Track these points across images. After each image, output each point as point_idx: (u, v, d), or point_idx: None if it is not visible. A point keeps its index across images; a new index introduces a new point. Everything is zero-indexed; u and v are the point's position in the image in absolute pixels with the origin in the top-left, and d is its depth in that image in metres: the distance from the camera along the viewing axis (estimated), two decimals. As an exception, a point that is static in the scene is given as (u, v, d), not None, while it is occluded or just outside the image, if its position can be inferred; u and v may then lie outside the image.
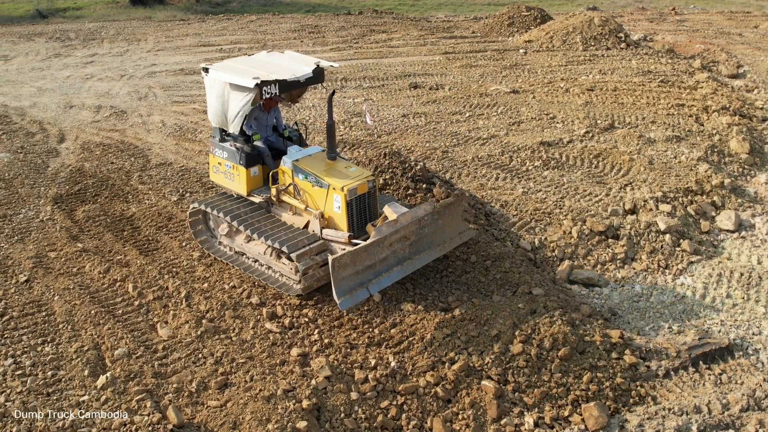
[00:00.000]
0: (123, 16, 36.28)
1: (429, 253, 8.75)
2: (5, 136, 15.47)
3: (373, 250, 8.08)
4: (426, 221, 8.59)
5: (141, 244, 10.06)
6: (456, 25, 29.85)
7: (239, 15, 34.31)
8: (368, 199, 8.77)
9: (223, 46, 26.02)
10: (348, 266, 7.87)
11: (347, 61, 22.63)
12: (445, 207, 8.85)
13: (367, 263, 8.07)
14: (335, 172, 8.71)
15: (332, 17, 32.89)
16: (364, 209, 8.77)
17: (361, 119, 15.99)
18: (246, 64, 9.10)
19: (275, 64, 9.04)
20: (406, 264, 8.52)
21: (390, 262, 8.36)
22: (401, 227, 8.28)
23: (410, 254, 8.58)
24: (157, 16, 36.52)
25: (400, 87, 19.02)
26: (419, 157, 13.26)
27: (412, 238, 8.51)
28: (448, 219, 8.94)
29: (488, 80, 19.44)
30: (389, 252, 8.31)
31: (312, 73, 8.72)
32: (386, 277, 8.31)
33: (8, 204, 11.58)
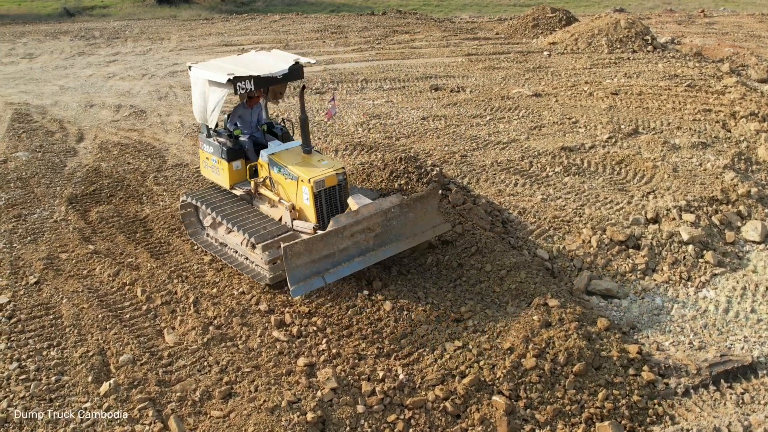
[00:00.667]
0: (148, 15, 36.48)
1: (396, 245, 8.74)
2: (25, 134, 15.52)
3: (329, 239, 8.16)
4: (394, 213, 8.62)
5: (152, 247, 9.98)
6: (480, 26, 29.56)
7: (263, 15, 34.33)
8: (339, 192, 8.90)
9: (246, 45, 25.97)
10: (302, 255, 7.95)
11: (369, 62, 22.47)
12: (416, 200, 8.88)
13: (324, 253, 8.15)
14: (306, 165, 8.88)
15: (355, 17, 32.76)
16: (334, 201, 8.91)
17: (380, 121, 15.81)
18: (229, 62, 9.34)
19: (256, 62, 9.24)
20: (369, 255, 8.53)
21: (351, 253, 8.40)
22: (362, 218, 8.34)
23: (375, 245, 8.58)
24: (182, 15, 36.67)
25: (421, 89, 18.80)
26: (437, 161, 13.04)
27: (378, 229, 8.54)
28: (420, 212, 8.93)
29: (510, 83, 19.15)
30: (350, 242, 8.36)
31: (288, 70, 8.84)
32: (346, 267, 8.35)
33: (24, 203, 11.57)
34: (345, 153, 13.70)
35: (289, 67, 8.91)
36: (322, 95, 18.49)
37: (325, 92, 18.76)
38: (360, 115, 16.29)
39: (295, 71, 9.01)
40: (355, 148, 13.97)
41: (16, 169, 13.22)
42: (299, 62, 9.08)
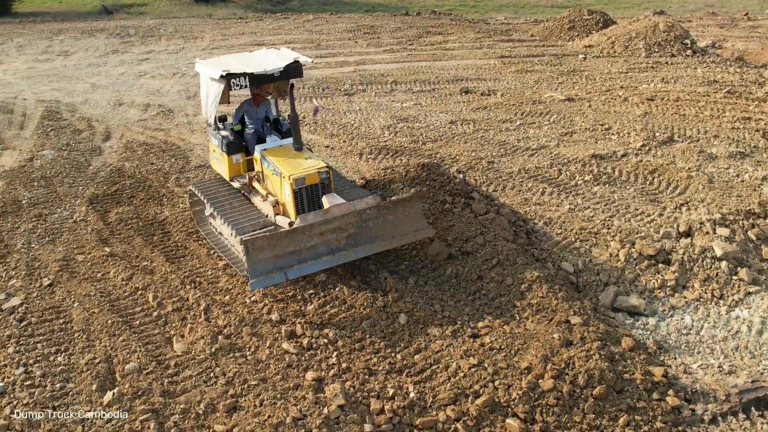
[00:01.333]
0: (184, 13, 36.72)
1: (370, 246, 8.70)
2: (53, 132, 15.61)
3: (295, 237, 8.22)
4: (369, 215, 8.63)
5: (169, 251, 9.86)
6: (515, 27, 29.10)
7: (297, 14, 34.31)
8: (321, 190, 8.95)
9: (277, 45, 25.90)
10: (264, 249, 8.03)
11: (399, 63, 22.22)
12: (396, 203, 8.88)
13: (288, 249, 8.19)
14: (292, 162, 8.97)
15: (389, 18, 32.54)
16: (316, 200, 8.93)
17: (407, 124, 15.54)
18: (234, 59, 9.61)
19: (258, 59, 9.48)
20: (339, 254, 8.52)
21: (319, 251, 8.41)
22: (332, 218, 8.37)
23: (346, 245, 8.58)
24: (218, 13, 36.84)
25: (451, 92, 18.49)
26: (463, 167, 12.73)
27: (351, 230, 8.56)
28: (401, 215, 8.88)
29: (543, 86, 18.72)
30: (319, 241, 8.38)
31: (284, 68, 8.98)
32: (311, 264, 8.35)
33: (45, 203, 11.57)
34: (369, 157, 13.46)
35: (286, 66, 9.02)
36: (351, 96, 18.28)
37: (353, 94, 18.56)
38: (387, 118, 16.04)
39: (293, 70, 9.13)
40: (380, 152, 13.72)
41: (41, 167, 13.26)
42: (298, 61, 9.18)
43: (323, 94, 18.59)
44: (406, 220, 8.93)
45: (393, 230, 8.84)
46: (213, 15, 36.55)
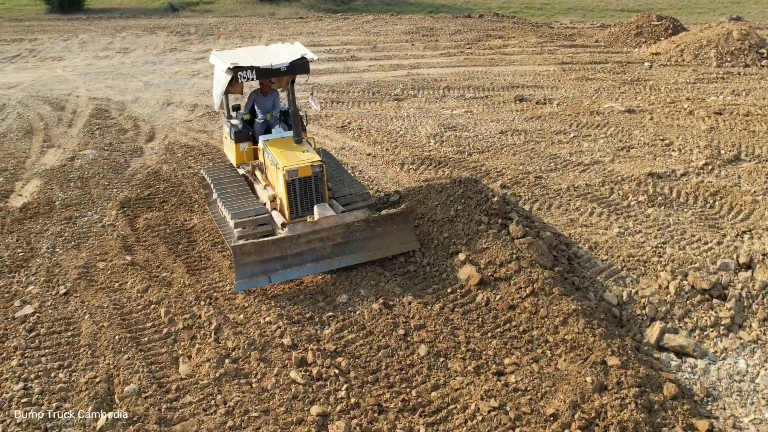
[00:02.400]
0: (247, 12, 36.90)
1: (354, 256, 8.97)
2: (99, 131, 15.61)
3: (282, 244, 8.58)
4: (357, 227, 8.93)
5: (191, 261, 9.53)
6: (579, 32, 28.02)
7: (357, 15, 33.98)
8: (314, 183, 9.22)
9: (333, 46, 25.61)
10: (252, 254, 8.44)
11: (455, 68, 21.56)
12: (386, 217, 9.14)
13: (274, 255, 8.56)
14: (288, 154, 9.30)
15: (450, 20, 31.87)
16: (308, 192, 9.25)
17: (455, 133, 14.92)
18: (246, 51, 9.99)
19: (269, 54, 9.75)
20: (323, 262, 8.82)
21: (305, 258, 8.73)
22: (319, 229, 8.70)
23: (331, 254, 8.88)
24: (280, 12, 36.88)
25: (505, 99, 17.75)
26: (508, 181, 12.04)
27: (338, 240, 8.86)
28: (390, 228, 9.17)
29: (603, 96, 17.78)
30: (306, 248, 8.71)
31: (289, 63, 9.28)
32: (296, 270, 8.69)
33: (77, 205, 11.45)
34: (411, 167, 12.90)
35: (293, 61, 9.32)
36: (400, 101, 17.75)
37: (403, 99, 18.02)
38: (435, 126, 15.45)
39: (299, 65, 9.41)
40: (423, 162, 13.15)
41: (80, 167, 13.20)
42: (305, 57, 9.47)
43: (372, 99, 18.12)
44: (395, 233, 9.22)
45: (379, 242, 9.12)
46: (275, 14, 36.61)
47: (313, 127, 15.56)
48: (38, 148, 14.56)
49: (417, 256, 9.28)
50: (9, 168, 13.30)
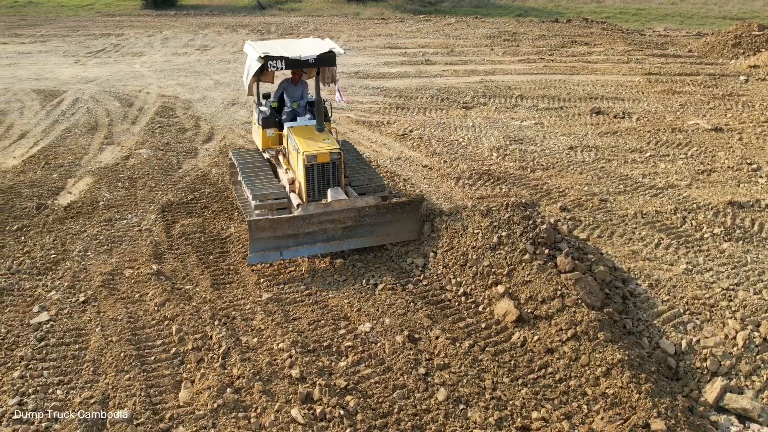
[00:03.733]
0: (333, 12, 36.78)
1: (363, 240, 9.44)
2: (159, 130, 15.56)
3: (295, 223, 9.05)
4: (368, 212, 9.34)
5: (218, 274, 9.13)
6: (672, 40, 26.31)
7: (439, 17, 33.22)
8: (331, 169, 9.62)
9: (409, 49, 24.99)
10: (266, 230, 8.93)
11: (532, 75, 20.53)
12: (396, 204, 9.51)
13: (288, 232, 9.05)
14: (309, 141, 9.71)
15: (536, 24, 30.68)
16: (325, 177, 9.63)
17: (521, 147, 14.03)
18: (278, 43, 10.68)
19: (299, 46, 10.46)
20: (332, 243, 9.31)
21: (316, 237, 9.22)
22: (331, 211, 9.13)
23: (341, 236, 9.34)
24: (365, 12, 36.58)
25: (581, 111, 16.65)
26: (569, 203, 11.10)
27: (349, 223, 9.29)
28: (399, 216, 9.53)
29: (689, 111, 16.41)
30: (318, 228, 9.18)
31: (317, 56, 9.84)
32: (306, 248, 9.20)
33: (120, 206, 11.28)
34: (467, 182, 12.13)
35: (321, 54, 9.88)
36: (468, 110, 16.95)
37: (472, 107, 17.21)
38: (500, 138, 14.59)
39: (326, 58, 9.99)
40: (481, 177, 12.35)
41: (132, 167, 13.10)
42: (333, 51, 10.02)
43: (440, 106, 17.39)
44: (404, 221, 9.59)
45: (388, 228, 9.52)
46: (360, 14, 36.33)
47: (373, 134, 15.00)
48: (98, 144, 14.61)
49: (454, 284, 8.55)
50: (65, 164, 13.35)
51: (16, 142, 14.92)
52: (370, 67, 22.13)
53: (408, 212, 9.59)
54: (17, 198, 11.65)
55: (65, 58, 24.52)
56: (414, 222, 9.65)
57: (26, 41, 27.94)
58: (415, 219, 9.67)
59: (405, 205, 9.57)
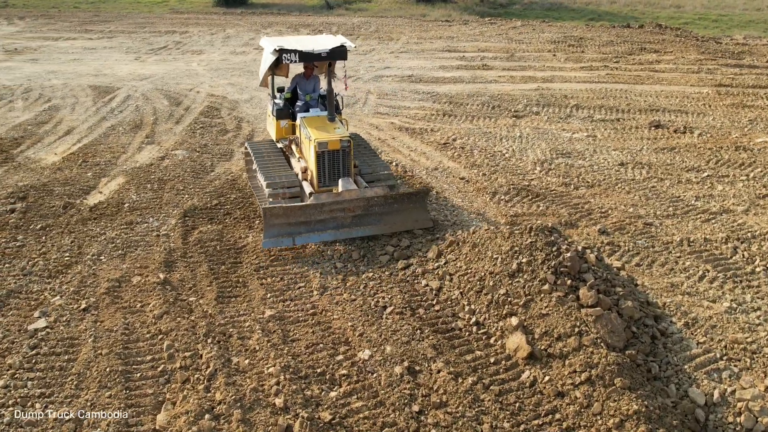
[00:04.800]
0: (399, 12, 36.39)
1: (371, 228, 9.90)
2: (201, 130, 15.46)
3: (307, 211, 9.59)
4: (376, 202, 9.81)
5: (226, 286, 8.79)
6: (751, 50, 24.72)
7: (504, 20, 32.35)
8: (341, 156, 10.08)
9: (468, 53, 24.32)
10: (280, 217, 9.48)
11: (592, 84, 19.58)
12: (403, 195, 10.02)
13: (300, 219, 9.59)
14: (321, 129, 10.19)
15: (605, 29, 29.46)
16: (336, 164, 10.10)
17: (567, 161, 13.26)
18: (294, 39, 10.89)
19: (313, 41, 10.66)
20: (342, 230, 9.81)
21: (327, 225, 9.74)
22: (341, 200, 9.64)
23: (351, 224, 9.84)
24: (432, 14, 36.06)
25: (639, 124, 15.69)
26: (610, 226, 10.33)
27: (358, 212, 9.78)
28: (406, 205, 10.01)
29: (758, 128, 15.22)
30: (328, 216, 9.69)
31: (329, 50, 10.12)
32: (317, 235, 9.71)
33: (144, 209, 11.13)
34: (503, 198, 11.47)
35: (333, 48, 10.16)
36: (519, 119, 16.21)
37: (523, 116, 16.47)
38: (546, 151, 13.83)
39: (338, 52, 10.25)
40: (519, 193, 11.67)
41: (164, 168, 12.99)
42: (344, 45, 10.31)
43: (489, 114, 16.72)
44: (411, 210, 10.07)
45: (395, 217, 9.98)
46: (426, 16, 35.84)
47: (414, 142, 14.48)
48: (138, 143, 14.61)
49: (467, 311, 7.96)
50: (101, 163, 13.36)
51: (61, 138, 15.08)
52: (425, 71, 21.59)
53: (415, 202, 10.09)
54: (48, 196, 11.67)
55: (127, 54, 24.93)
56: (420, 212, 10.17)
57: (94, 37, 28.62)
58: (422, 209, 10.19)
59: (412, 196, 10.08)
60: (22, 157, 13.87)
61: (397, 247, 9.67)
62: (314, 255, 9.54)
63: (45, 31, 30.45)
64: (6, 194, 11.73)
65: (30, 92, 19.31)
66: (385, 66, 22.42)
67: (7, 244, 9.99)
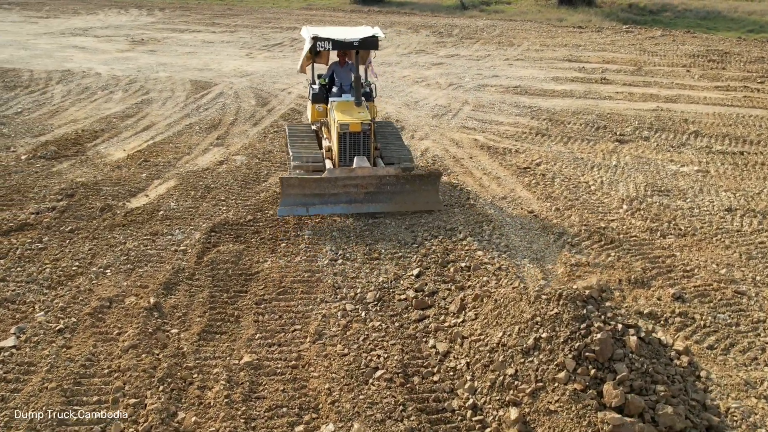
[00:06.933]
0: (535, 16, 34.51)
1: (383, 205, 10.46)
2: (273, 135, 14.83)
3: (321, 183, 10.22)
4: (388, 180, 10.33)
5: (218, 319, 7.89)
6: None
7: (643, 29, 29.59)
8: (362, 139, 10.59)
9: (590, 64, 22.24)
10: (295, 187, 10.15)
11: (723, 107, 17.07)
12: (415, 176, 10.45)
13: (315, 191, 10.24)
14: (346, 112, 10.74)
15: (759, 44, 26.23)
16: (357, 146, 10.62)
17: (663, 200, 11.31)
18: (332, 29, 11.40)
19: (348, 31, 11.14)
20: (354, 205, 10.41)
21: (340, 199, 10.37)
22: (354, 176, 10.21)
23: (363, 200, 10.42)
24: (570, 19, 33.90)
25: (766, 160, 13.29)
26: (692, 289, 8.47)
27: (370, 189, 10.35)
28: (417, 186, 10.48)
29: None
30: (342, 191, 10.32)
31: (360, 39, 10.68)
32: (330, 207, 10.36)
33: (176, 219, 10.51)
34: (568, 242, 9.83)
35: (363, 38, 10.73)
36: (622, 144, 14.27)
37: (627, 141, 14.50)
38: (642, 186, 11.92)
39: (370, 42, 10.81)
40: (591, 236, 9.97)
41: (217, 175, 12.37)
42: (375, 35, 10.85)
43: (590, 136, 14.86)
44: (422, 191, 10.54)
45: (406, 197, 10.49)
46: (563, 20, 33.71)
47: (491, 164, 13.01)
48: (206, 145, 14.16)
49: (467, 388, 6.57)
50: (161, 163, 12.99)
51: (137, 134, 14.95)
52: (535, 81, 19.85)
53: (426, 184, 10.52)
54: (94, 196, 11.37)
55: (240, 49, 24.98)
56: (431, 194, 10.62)
57: (217, 31, 29.08)
58: (433, 191, 10.63)
59: (424, 177, 10.51)
60: (93, 151, 13.81)
61: (420, 291, 8.39)
62: (327, 291, 8.46)
63: (176, 23, 31.38)
64: (57, 190, 11.54)
65: (133, 84, 19.59)
66: (493, 74, 20.87)
67: (31, 245, 9.67)
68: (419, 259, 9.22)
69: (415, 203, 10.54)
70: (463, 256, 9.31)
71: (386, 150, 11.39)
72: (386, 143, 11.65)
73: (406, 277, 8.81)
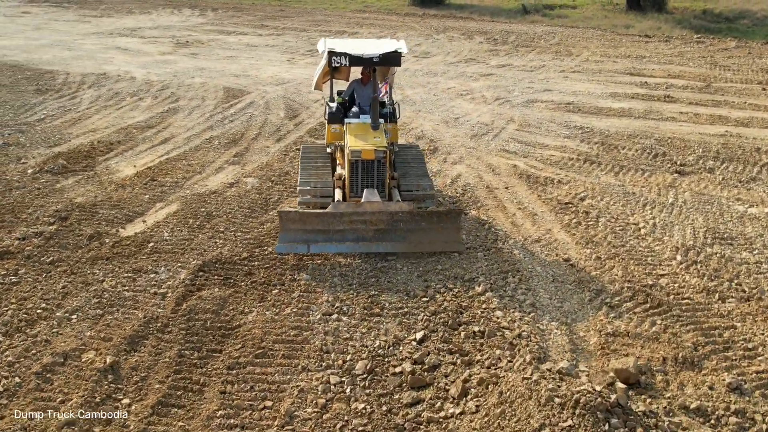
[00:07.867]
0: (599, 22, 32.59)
1: (394, 245, 9.28)
2: (294, 153, 13.71)
3: (324, 219, 9.18)
4: (401, 217, 9.23)
5: (179, 389, 6.75)
6: None
7: (717, 38, 27.33)
8: (376, 167, 9.59)
9: (653, 78, 20.41)
10: (296, 222, 9.17)
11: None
12: (432, 214, 9.42)
13: (317, 227, 9.18)
14: (359, 137, 9.77)
15: None
16: (370, 174, 9.63)
17: (727, 251, 9.71)
18: (351, 41, 10.84)
19: (368, 45, 10.33)
20: (362, 244, 9.27)
21: (346, 236, 9.25)
22: (362, 212, 9.17)
23: (371, 238, 9.27)
24: (638, 26, 31.88)
25: None
26: (753, 377, 6.94)
27: (381, 225, 9.23)
28: (434, 225, 9.35)
29: None
30: (348, 227, 9.21)
31: (381, 54, 9.72)
32: (334, 245, 9.24)
33: (164, 254, 9.46)
34: (608, 302, 8.36)
35: (385, 53, 9.74)
36: (682, 176, 12.60)
37: (689, 173, 12.81)
38: (701, 231, 10.31)
39: (392, 58, 9.85)
40: (635, 296, 8.47)
41: (223, 200, 11.31)
42: (398, 50, 9.84)
43: (645, 165, 13.23)
44: (439, 231, 9.38)
45: (422, 236, 9.34)
46: (630, 27, 31.71)
47: (529, 197, 11.57)
48: (221, 163, 13.17)
49: None
50: (167, 184, 12.03)
51: (153, 147, 14.10)
52: (590, 98, 18.20)
53: (445, 223, 9.44)
54: (87, 220, 10.47)
55: (282, 54, 24.09)
56: (451, 233, 9.47)
57: (264, 33, 28.31)
58: (453, 230, 9.49)
59: (442, 215, 9.49)
60: (102, 166, 12.99)
61: (419, 364, 7.09)
62: (312, 357, 7.26)
63: (225, 25, 30.76)
64: (52, 212, 10.72)
65: (164, 90, 18.86)
66: (545, 88, 19.29)
67: (4, 278, 8.80)
68: (426, 318, 7.92)
69: (432, 243, 9.38)
70: (479, 316, 7.96)
71: (404, 178, 10.29)
72: (406, 170, 10.52)
73: (407, 341, 7.52)
